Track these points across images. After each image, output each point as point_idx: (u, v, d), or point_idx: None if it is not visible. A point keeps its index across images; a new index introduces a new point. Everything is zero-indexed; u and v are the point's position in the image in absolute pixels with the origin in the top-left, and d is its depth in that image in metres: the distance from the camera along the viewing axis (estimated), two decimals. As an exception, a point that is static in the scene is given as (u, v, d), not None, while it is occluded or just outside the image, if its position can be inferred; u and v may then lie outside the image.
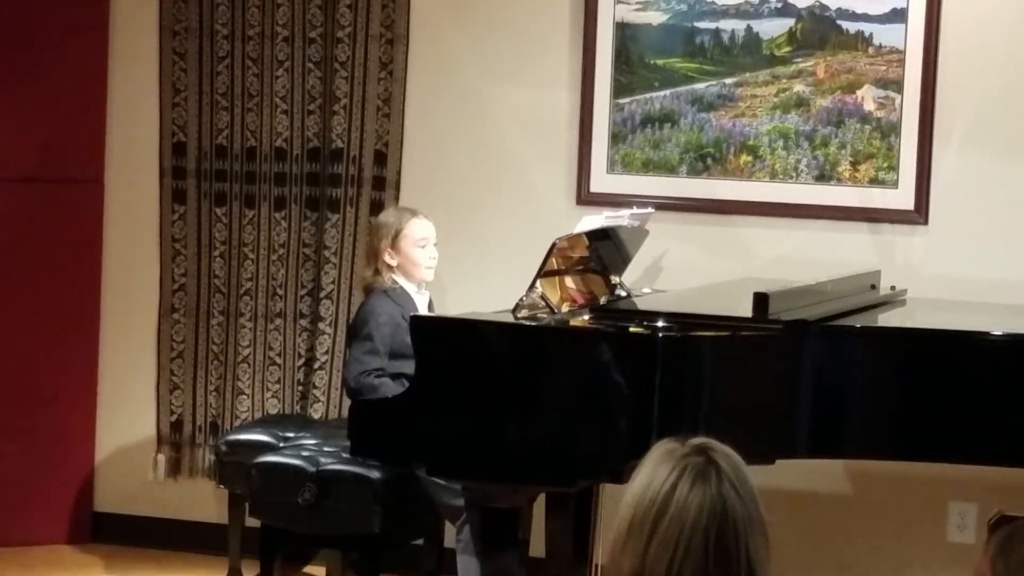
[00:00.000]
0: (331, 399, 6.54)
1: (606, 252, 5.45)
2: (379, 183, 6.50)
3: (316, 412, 6.54)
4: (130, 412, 6.81)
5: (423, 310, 5.71)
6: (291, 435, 6.07)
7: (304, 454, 5.71)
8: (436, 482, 5.27)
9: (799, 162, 6.18)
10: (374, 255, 5.76)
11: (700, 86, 6.25)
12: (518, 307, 5.03)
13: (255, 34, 6.57)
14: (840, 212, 6.13)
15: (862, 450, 4.99)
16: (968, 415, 4.71)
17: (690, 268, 6.12)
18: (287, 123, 6.57)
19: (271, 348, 6.63)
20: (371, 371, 5.51)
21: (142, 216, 6.75)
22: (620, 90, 6.30)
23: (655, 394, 4.50)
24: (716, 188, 6.25)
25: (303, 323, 6.60)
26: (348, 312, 6.49)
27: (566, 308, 4.99)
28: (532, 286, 4.99)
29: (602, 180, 6.31)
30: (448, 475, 4.98)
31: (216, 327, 6.69)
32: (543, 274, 4.97)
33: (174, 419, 6.76)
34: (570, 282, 5.19)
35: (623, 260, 5.65)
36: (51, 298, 6.72)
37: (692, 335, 4.59)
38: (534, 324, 4.82)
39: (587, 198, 6.28)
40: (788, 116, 6.17)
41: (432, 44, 6.47)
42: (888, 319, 5.33)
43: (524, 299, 5.02)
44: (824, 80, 6.14)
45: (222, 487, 6.32)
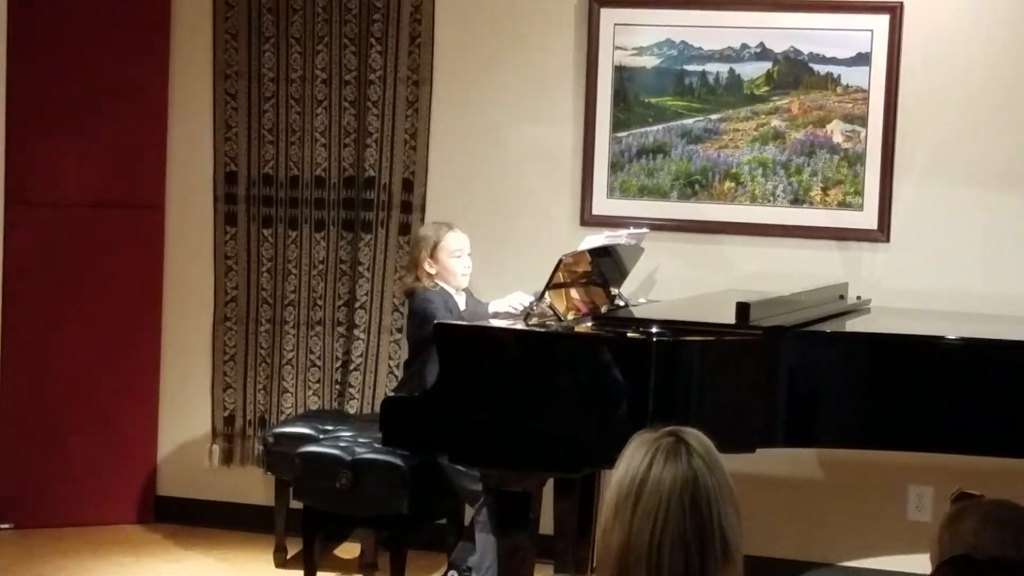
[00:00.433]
0: (365, 397, 6.54)
1: (606, 267, 5.44)
2: (407, 207, 6.50)
3: (351, 408, 6.54)
4: (188, 409, 6.81)
5: (462, 306, 5.67)
6: (330, 428, 6.06)
7: (341, 444, 5.70)
8: (457, 469, 5.26)
9: (776, 188, 6.18)
10: (415, 264, 5.72)
11: (689, 121, 6.25)
12: (529, 315, 5.04)
13: (297, 77, 6.58)
14: (812, 232, 6.13)
15: (832, 440, 4.99)
16: (925, 409, 4.71)
17: (680, 281, 6.12)
18: (325, 155, 6.57)
19: (312, 352, 6.63)
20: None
21: (198, 237, 6.76)
22: (618, 125, 6.31)
23: (650, 391, 4.50)
24: (703, 211, 6.24)
25: (340, 330, 6.60)
26: (380, 320, 6.51)
27: (571, 316, 4.99)
28: (541, 297, 5.00)
29: (603, 204, 6.31)
30: (467, 463, 4.98)
31: (264, 334, 6.70)
32: (551, 286, 4.97)
33: (227, 414, 6.76)
34: (575, 293, 5.19)
35: (621, 274, 5.65)
36: (119, 309, 6.72)
37: (682, 340, 4.58)
38: (543, 330, 4.83)
39: (589, 220, 6.28)
40: (766, 147, 6.17)
41: (453, 85, 6.48)
42: (855, 325, 5.32)
43: (534, 308, 5.03)
44: (798, 116, 6.14)
45: (269, 474, 6.33)
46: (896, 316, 5.66)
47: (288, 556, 6.20)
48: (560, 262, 5.01)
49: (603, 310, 5.21)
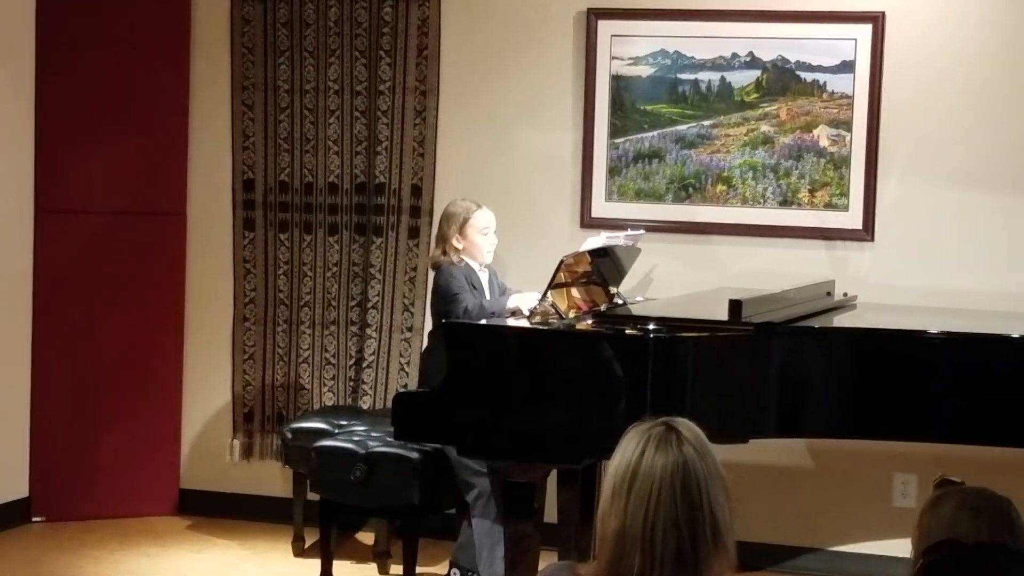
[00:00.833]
0: (377, 393, 6.55)
1: (605, 267, 5.45)
2: (416, 212, 6.51)
3: (365, 404, 6.55)
4: (210, 406, 6.83)
5: (485, 283, 5.62)
6: (344, 423, 6.06)
7: (355, 438, 5.69)
8: (460, 460, 5.26)
9: (765, 190, 6.19)
10: (443, 239, 5.63)
11: (682, 127, 6.26)
12: (532, 314, 5.05)
13: (311, 88, 6.60)
14: (800, 232, 6.13)
15: (820, 430, 4.97)
16: (909, 400, 4.70)
17: (675, 280, 6.13)
18: (338, 162, 6.59)
19: (327, 350, 6.64)
20: (479, 303, 5.41)
21: (218, 242, 6.77)
22: (616, 132, 6.32)
23: (648, 385, 4.49)
24: (697, 213, 6.25)
25: (353, 329, 6.61)
26: (391, 319, 6.52)
27: (572, 314, 4.99)
28: (544, 296, 5.01)
29: (601, 207, 6.32)
30: (475, 455, 4.96)
31: (281, 333, 6.71)
32: (552, 286, 4.98)
33: (247, 411, 6.78)
34: (575, 292, 5.19)
35: (620, 274, 5.65)
36: (143, 311, 6.73)
37: (678, 336, 4.57)
38: (546, 328, 4.83)
39: (589, 222, 6.29)
40: (756, 152, 6.18)
41: (459, 95, 6.49)
42: (841, 321, 5.32)
43: (537, 307, 5.04)
44: (786, 121, 6.15)
45: (287, 467, 6.34)
46: (881, 312, 5.66)
47: (306, 545, 6.21)
48: (561, 263, 5.01)
49: (603, 308, 5.21)
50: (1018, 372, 4.67)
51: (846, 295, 5.76)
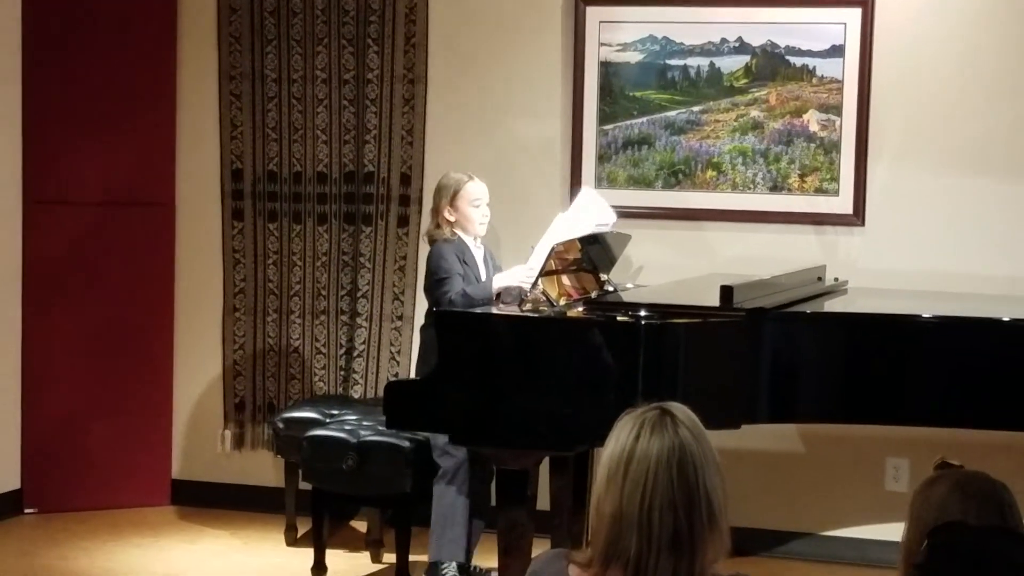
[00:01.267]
0: (368, 381, 6.54)
1: (596, 254, 5.43)
2: (404, 200, 6.50)
3: (356, 393, 6.54)
4: (201, 395, 6.82)
5: (479, 260, 5.59)
6: (335, 412, 6.06)
7: (347, 428, 5.70)
8: (436, 446, 5.38)
9: (756, 175, 6.18)
10: (436, 211, 5.61)
11: (672, 113, 6.25)
12: (523, 301, 5.04)
13: (299, 77, 6.58)
14: (791, 217, 6.13)
15: (812, 415, 4.95)
16: (900, 384, 4.69)
17: (666, 266, 6.11)
18: (327, 151, 6.57)
19: (317, 340, 6.63)
20: (461, 291, 5.38)
21: (207, 232, 6.75)
22: (605, 118, 6.30)
23: (639, 371, 4.48)
24: (686, 199, 6.25)
25: (344, 318, 6.60)
26: (381, 308, 6.51)
27: (563, 302, 4.98)
28: (535, 284, 4.99)
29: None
30: (467, 443, 4.94)
31: (271, 323, 6.70)
32: (543, 274, 4.97)
33: (238, 401, 6.77)
34: (566, 280, 5.18)
35: (610, 261, 5.64)
36: (133, 301, 6.72)
37: (669, 322, 4.55)
38: (537, 316, 4.82)
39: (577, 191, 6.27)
40: (746, 137, 6.17)
41: (447, 83, 6.47)
42: (833, 306, 5.30)
43: (528, 295, 5.02)
44: (776, 106, 6.14)
45: (279, 457, 6.34)
46: (872, 296, 5.65)
47: (298, 535, 6.21)
48: (552, 250, 5.00)
49: (593, 295, 5.20)
50: (1010, 355, 4.66)
51: (837, 280, 5.75)
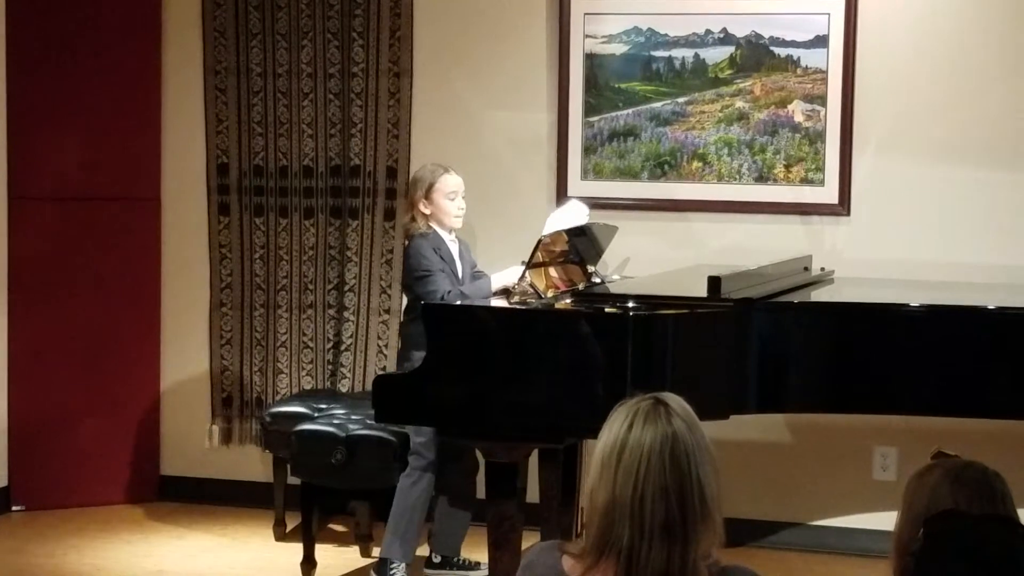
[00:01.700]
0: (356, 375, 6.53)
1: (583, 246, 5.42)
2: (391, 193, 6.49)
3: (344, 387, 6.53)
4: (188, 391, 6.80)
5: (455, 254, 5.54)
6: (323, 406, 6.05)
7: (335, 422, 5.70)
8: (417, 429, 5.37)
9: (741, 166, 6.18)
10: (411, 205, 5.55)
11: (657, 105, 6.25)
12: (511, 294, 5.03)
13: (284, 71, 6.56)
14: (776, 207, 6.13)
15: (800, 405, 4.94)
16: (888, 374, 4.68)
17: (653, 258, 6.11)
18: (313, 145, 6.56)
19: (304, 334, 6.62)
20: (448, 291, 5.32)
21: (193, 227, 6.74)
22: (590, 110, 6.30)
23: (628, 362, 4.46)
24: (673, 190, 6.25)
25: (331, 312, 6.59)
26: (368, 302, 6.50)
27: (551, 294, 4.97)
28: (522, 276, 4.99)
29: (577, 186, 6.30)
30: (456, 436, 4.90)
31: (258, 318, 6.68)
32: (530, 265, 4.96)
33: (225, 395, 6.75)
34: (553, 272, 5.17)
35: (597, 253, 5.63)
36: (119, 297, 6.70)
37: (657, 313, 4.53)
38: (525, 308, 4.82)
39: (565, 201, 6.26)
40: (731, 128, 6.17)
41: (433, 76, 6.46)
42: (819, 295, 5.30)
43: (516, 287, 5.02)
44: (760, 97, 6.14)
45: (267, 451, 6.33)
46: (858, 285, 5.65)
47: (287, 530, 6.20)
48: (539, 242, 4.99)
49: (581, 287, 5.19)
50: (996, 344, 4.67)
51: (823, 270, 5.76)
